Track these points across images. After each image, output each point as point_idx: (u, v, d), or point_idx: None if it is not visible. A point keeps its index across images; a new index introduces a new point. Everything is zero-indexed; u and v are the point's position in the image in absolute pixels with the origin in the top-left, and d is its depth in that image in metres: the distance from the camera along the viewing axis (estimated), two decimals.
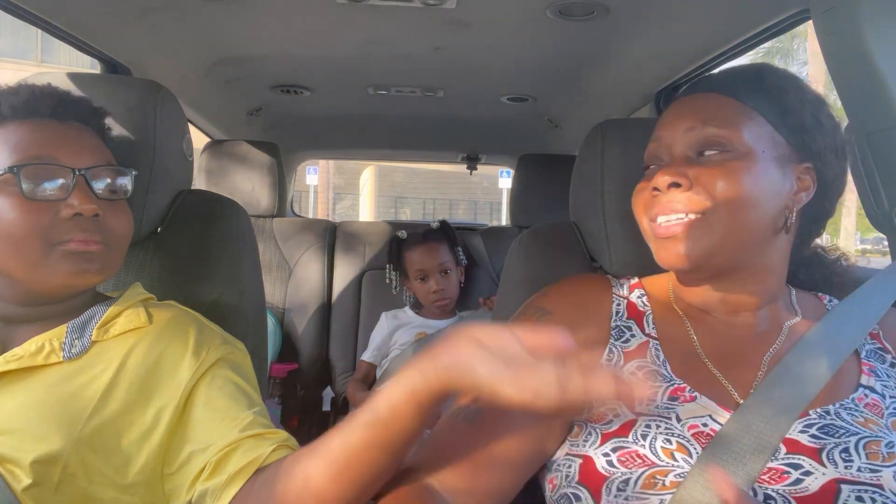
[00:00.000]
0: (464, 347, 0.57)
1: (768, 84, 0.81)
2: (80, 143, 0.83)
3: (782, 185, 0.78)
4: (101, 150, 0.86)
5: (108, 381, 0.78)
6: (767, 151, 0.78)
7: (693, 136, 0.79)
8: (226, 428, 0.76)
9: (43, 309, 0.82)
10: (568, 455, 0.74)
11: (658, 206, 0.79)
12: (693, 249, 0.77)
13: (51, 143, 0.81)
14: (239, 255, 1.09)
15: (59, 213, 0.78)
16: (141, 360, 0.81)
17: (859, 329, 0.78)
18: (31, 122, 0.82)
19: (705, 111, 0.80)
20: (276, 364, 2.11)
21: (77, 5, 1.24)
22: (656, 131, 0.85)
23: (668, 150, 0.81)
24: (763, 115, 0.79)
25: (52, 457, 0.72)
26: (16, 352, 0.78)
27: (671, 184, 0.77)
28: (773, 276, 0.82)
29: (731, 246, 0.77)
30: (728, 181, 0.75)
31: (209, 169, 2.20)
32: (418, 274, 2.04)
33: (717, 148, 0.77)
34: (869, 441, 0.67)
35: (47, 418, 0.74)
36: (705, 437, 0.69)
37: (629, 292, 0.88)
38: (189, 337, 0.84)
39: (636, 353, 0.79)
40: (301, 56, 1.68)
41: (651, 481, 0.67)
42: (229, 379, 0.82)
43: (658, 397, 0.74)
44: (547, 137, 2.50)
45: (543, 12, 1.29)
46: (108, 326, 0.83)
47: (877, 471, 0.64)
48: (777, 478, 0.65)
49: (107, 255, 0.82)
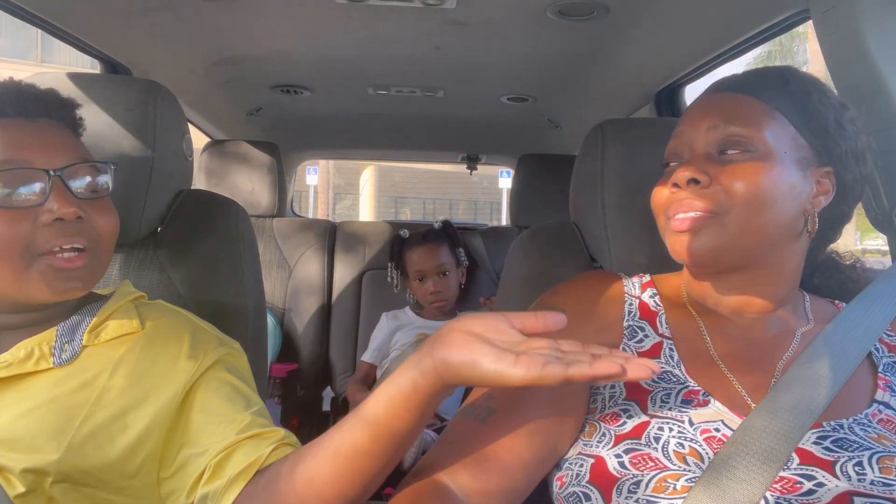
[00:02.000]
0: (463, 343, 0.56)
1: (792, 86, 0.81)
2: (51, 140, 0.78)
3: (802, 188, 0.78)
4: (74, 146, 0.81)
5: (101, 386, 0.76)
6: (789, 153, 0.78)
7: (715, 135, 0.79)
8: (223, 431, 0.75)
9: (31, 315, 0.80)
10: (580, 454, 0.74)
11: (676, 203, 0.79)
12: (705, 244, 0.77)
13: (20, 145, 0.75)
14: (239, 255, 1.09)
15: (39, 220, 0.74)
16: (134, 364, 0.79)
17: (868, 336, 0.77)
18: (6, 120, 0.77)
19: (729, 110, 0.80)
20: (276, 364, 2.11)
21: (77, 5, 1.24)
22: (678, 127, 0.84)
23: (689, 147, 0.81)
24: (786, 117, 0.79)
25: (44, 465, 0.71)
26: (5, 358, 0.76)
27: (690, 180, 0.77)
28: (786, 279, 0.82)
29: (744, 245, 0.77)
30: (748, 181, 0.75)
31: (209, 169, 2.20)
32: (417, 275, 2.05)
33: (738, 147, 0.77)
34: (882, 456, 0.67)
35: (38, 426, 0.73)
36: (717, 443, 0.69)
37: (641, 291, 0.87)
38: (184, 341, 0.82)
39: (650, 353, 0.79)
40: (301, 56, 1.68)
41: (662, 485, 0.66)
42: (226, 381, 0.81)
43: (671, 399, 0.74)
44: (547, 137, 2.50)
45: (543, 12, 1.29)
46: (98, 330, 0.81)
47: (890, 485, 0.64)
48: (790, 487, 0.65)
49: (92, 262, 0.78)
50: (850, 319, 0.79)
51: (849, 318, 0.79)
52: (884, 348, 0.81)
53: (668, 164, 0.85)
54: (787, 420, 0.67)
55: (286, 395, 2.15)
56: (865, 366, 0.78)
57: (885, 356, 0.79)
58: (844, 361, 0.74)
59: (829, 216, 0.83)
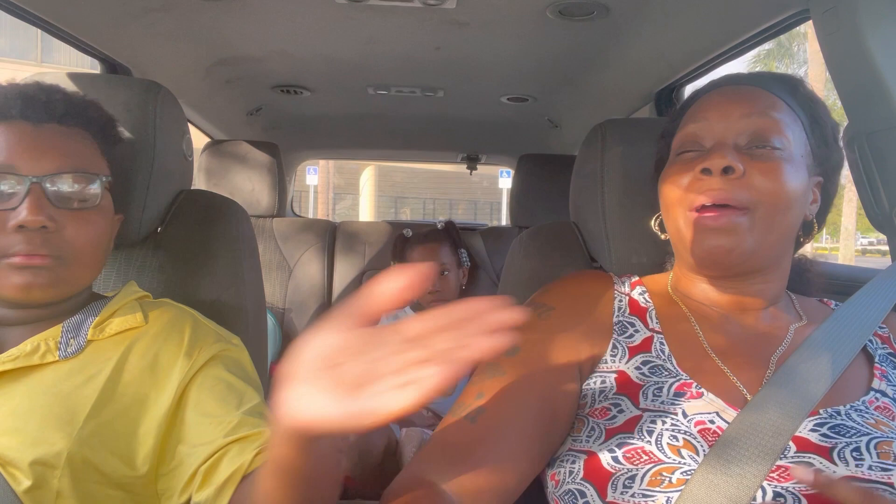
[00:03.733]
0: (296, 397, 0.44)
1: (802, 95, 0.82)
2: (45, 147, 0.78)
3: (806, 194, 0.80)
4: (72, 153, 0.80)
5: (106, 380, 0.78)
6: (804, 157, 0.79)
7: (747, 124, 0.77)
8: (212, 433, 0.75)
9: (35, 312, 0.81)
10: (571, 451, 0.74)
11: (706, 192, 0.75)
12: (734, 245, 0.75)
13: (10, 149, 0.76)
14: (239, 255, 1.09)
15: (7, 224, 0.75)
16: (138, 359, 0.80)
17: (863, 330, 0.78)
18: (6, 123, 0.78)
19: (760, 103, 0.79)
20: (276, 364, 2.11)
21: (77, 5, 1.24)
22: (700, 112, 0.81)
23: (715, 135, 0.78)
24: (801, 122, 0.80)
25: (51, 457, 0.72)
26: (11, 352, 0.77)
27: (726, 167, 0.74)
28: (781, 278, 0.83)
29: (766, 246, 0.77)
30: (776, 180, 0.74)
31: (209, 169, 2.20)
32: None
33: (768, 144, 0.76)
34: (880, 441, 0.67)
35: (45, 419, 0.74)
36: (712, 435, 0.68)
37: (630, 289, 0.87)
38: (184, 337, 0.83)
39: (641, 347, 0.79)
40: (301, 56, 1.68)
41: (657, 478, 0.66)
42: (220, 378, 0.81)
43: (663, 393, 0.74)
44: (547, 137, 2.50)
45: (543, 12, 1.29)
46: (103, 326, 0.82)
47: (888, 469, 0.64)
48: (787, 475, 0.65)
49: (60, 269, 0.77)
50: (846, 315, 0.79)
51: (845, 314, 0.80)
52: (878, 340, 0.81)
53: (683, 152, 0.81)
54: (783, 412, 0.67)
55: None
56: (861, 357, 0.78)
57: (879, 348, 0.80)
58: (840, 355, 0.74)
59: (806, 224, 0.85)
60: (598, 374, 0.78)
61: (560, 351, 0.79)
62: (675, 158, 0.83)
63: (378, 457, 1.65)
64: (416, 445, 1.68)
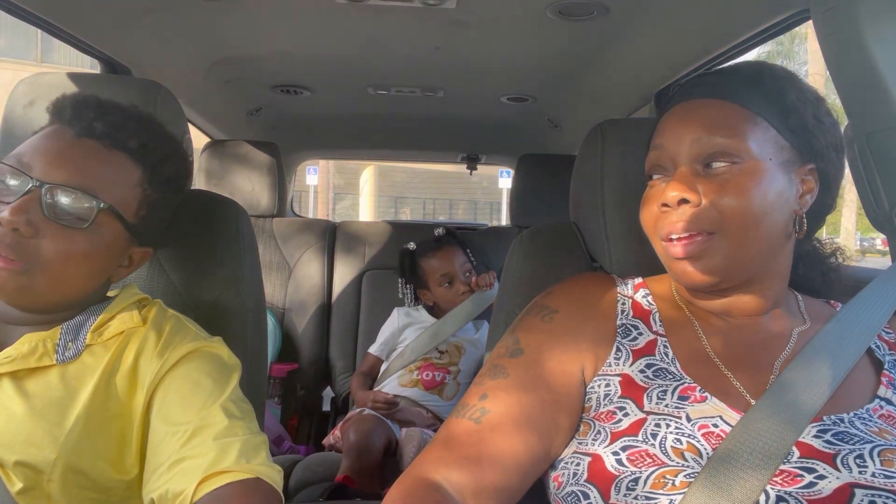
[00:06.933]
0: None
1: (768, 85, 0.79)
2: (66, 158, 0.78)
3: (789, 192, 0.77)
4: (89, 172, 0.78)
5: (98, 385, 0.78)
6: (774, 158, 0.76)
7: (700, 148, 0.77)
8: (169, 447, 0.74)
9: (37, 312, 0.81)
10: (575, 453, 0.74)
11: (669, 225, 0.77)
12: (709, 267, 0.75)
13: (38, 150, 0.78)
14: (239, 255, 1.09)
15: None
16: (126, 363, 0.80)
17: (866, 333, 0.77)
18: (53, 126, 0.81)
19: (711, 119, 0.77)
20: (276, 364, 2.11)
21: (77, 5, 1.24)
22: (657, 139, 0.82)
23: (673, 161, 0.79)
24: (767, 120, 0.77)
25: (40, 461, 0.72)
26: (9, 353, 0.77)
27: (681, 200, 0.75)
28: (780, 279, 0.82)
29: (744, 259, 0.76)
30: (738, 196, 0.74)
31: (209, 169, 2.20)
32: (443, 280, 2.01)
33: (725, 160, 0.75)
34: (883, 449, 0.67)
35: (38, 422, 0.74)
36: (715, 438, 0.68)
37: (634, 292, 0.87)
38: (161, 337, 0.83)
39: (644, 350, 0.79)
40: (301, 56, 1.68)
41: (661, 481, 0.66)
42: (188, 377, 0.80)
43: (667, 396, 0.73)
44: (547, 137, 2.50)
45: (543, 12, 1.29)
46: (101, 330, 0.82)
47: (891, 477, 0.64)
48: (790, 480, 0.65)
49: (22, 277, 0.75)
50: (848, 318, 0.79)
51: (847, 317, 0.79)
52: (885, 346, 0.80)
53: (650, 176, 0.83)
54: (786, 418, 0.67)
55: (286, 395, 2.15)
56: (867, 362, 0.78)
57: (887, 353, 0.79)
58: (843, 359, 0.74)
59: (815, 210, 0.82)
60: (602, 376, 0.78)
61: (563, 353, 0.79)
62: (647, 183, 0.84)
63: (378, 457, 1.65)
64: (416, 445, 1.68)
